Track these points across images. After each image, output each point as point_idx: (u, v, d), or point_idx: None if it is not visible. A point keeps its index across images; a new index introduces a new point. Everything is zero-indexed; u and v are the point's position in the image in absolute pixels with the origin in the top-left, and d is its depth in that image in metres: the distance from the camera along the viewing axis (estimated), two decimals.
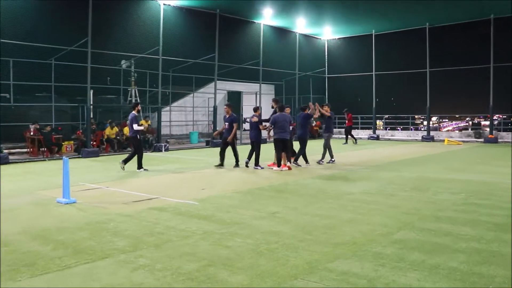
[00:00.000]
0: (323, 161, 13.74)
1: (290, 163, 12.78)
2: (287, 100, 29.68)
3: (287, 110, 12.82)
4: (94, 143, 18.18)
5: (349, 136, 24.26)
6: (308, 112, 13.31)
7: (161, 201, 7.91)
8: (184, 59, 22.97)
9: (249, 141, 13.06)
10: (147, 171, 12.01)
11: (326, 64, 32.22)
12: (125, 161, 12.06)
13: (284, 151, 12.48)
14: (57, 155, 16.22)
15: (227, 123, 12.61)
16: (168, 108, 24.80)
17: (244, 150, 15.45)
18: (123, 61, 22.32)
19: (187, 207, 7.37)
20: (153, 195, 8.44)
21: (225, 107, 12.78)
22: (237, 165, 12.74)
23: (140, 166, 12.12)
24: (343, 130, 29.76)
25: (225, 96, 28.67)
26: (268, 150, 15.39)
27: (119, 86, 21.98)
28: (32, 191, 8.88)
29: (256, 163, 12.65)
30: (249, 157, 13.07)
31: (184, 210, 7.09)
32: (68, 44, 17.69)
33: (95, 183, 9.98)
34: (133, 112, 12.38)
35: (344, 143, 23.33)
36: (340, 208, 7.26)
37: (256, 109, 13.44)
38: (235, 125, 12.38)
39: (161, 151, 19.07)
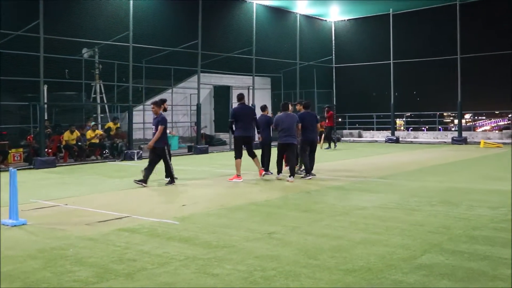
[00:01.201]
0: (303, 173, 13.10)
1: (299, 172, 13.09)
2: (287, 95, 29.80)
3: (266, 112, 13.38)
4: (50, 150, 18.16)
5: (324, 140, 24.02)
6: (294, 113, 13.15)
7: (133, 220, 7.89)
8: (160, 47, 23.04)
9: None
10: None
11: (333, 52, 32.42)
12: (171, 177, 12.00)
13: (287, 157, 12.73)
14: (2, 166, 16.16)
15: (154, 127, 12.00)
16: (141, 107, 24.81)
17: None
18: (84, 50, 22.35)
19: (165, 227, 7.35)
20: (123, 213, 8.42)
21: (152, 106, 12.01)
22: (172, 181, 11.92)
23: (171, 176, 12.07)
24: (351, 132, 30.02)
25: (211, 91, 28.79)
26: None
27: (80, 81, 22.00)
28: None
29: (266, 168, 13.14)
30: (266, 165, 13.26)
31: (161, 231, 7.08)
32: (15, 28, 17.58)
33: (50, 200, 9.94)
34: (161, 111, 11.94)
35: (327, 148, 23.25)
36: (351, 226, 7.27)
37: (264, 108, 13.69)
38: (160, 128, 11.66)
39: (133, 159, 19.05)
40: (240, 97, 12.81)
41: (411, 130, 31.98)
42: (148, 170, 11.68)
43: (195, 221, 7.78)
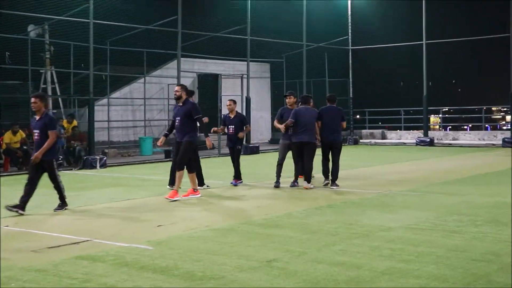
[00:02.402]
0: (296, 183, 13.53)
1: (308, 180, 13.22)
2: (291, 86, 29.85)
3: (309, 104, 13.40)
4: None
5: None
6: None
7: (94, 245, 7.85)
8: (129, 25, 23.04)
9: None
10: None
11: (350, 31, 32.48)
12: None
13: (301, 159, 13.15)
14: None
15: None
16: (105, 101, 24.82)
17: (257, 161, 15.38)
18: (31, 27, 22.28)
19: (136, 254, 7.32)
20: (82, 236, 8.38)
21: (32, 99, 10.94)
22: (62, 206, 10.95)
23: (202, 182, 13.23)
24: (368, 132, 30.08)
25: (194, 81, 28.78)
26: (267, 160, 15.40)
27: (26, 67, 21.91)
28: None
29: (308, 179, 13.13)
30: (299, 173, 13.45)
31: (130, 259, 7.04)
32: None
33: None
34: (191, 99, 12.63)
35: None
36: (373, 252, 7.26)
37: (306, 99, 13.54)
38: (50, 134, 10.67)
39: (94, 167, 19.02)
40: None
41: (450, 129, 32.07)
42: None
43: (173, 246, 7.75)
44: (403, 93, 31.96)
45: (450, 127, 32.60)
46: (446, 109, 32.67)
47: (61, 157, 19.31)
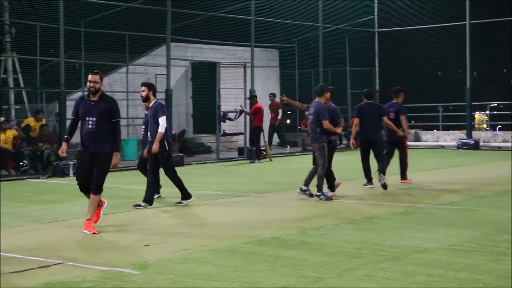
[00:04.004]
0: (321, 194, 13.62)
1: (382, 178, 14.65)
2: (304, 76, 29.81)
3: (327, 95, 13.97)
4: None
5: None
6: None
7: (68, 269, 7.87)
8: (108, 2, 23.07)
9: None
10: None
11: (376, 9, 32.41)
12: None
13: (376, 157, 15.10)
14: None
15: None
16: (79, 94, 24.79)
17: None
18: None
19: (118, 279, 7.35)
20: (53, 259, 8.40)
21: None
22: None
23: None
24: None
25: (187, 70, 28.82)
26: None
27: None
28: None
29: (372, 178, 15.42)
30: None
31: (112, 286, 7.07)
32: None
33: None
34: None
35: (253, 161, 23.33)
36: (405, 278, 7.26)
37: (370, 94, 15.79)
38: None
39: (67, 175, 19.03)
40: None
41: (499, 129, 31.95)
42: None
43: (164, 269, 7.77)
44: (441, 85, 31.86)
45: (499, 126, 32.45)
46: (494, 104, 32.55)
47: (25, 162, 19.36)
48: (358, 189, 15.23)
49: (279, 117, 26.54)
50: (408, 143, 30.51)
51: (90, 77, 10.64)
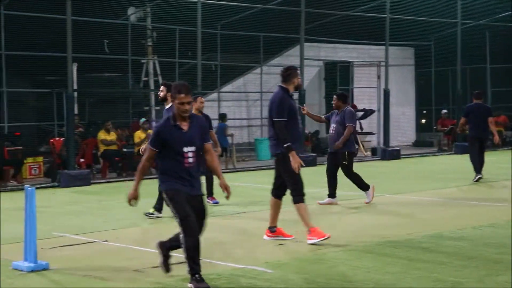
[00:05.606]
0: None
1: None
2: (441, 75, 29.13)
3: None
4: (82, 160, 18.56)
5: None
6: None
7: (205, 266, 7.95)
8: (244, 4, 23.22)
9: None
10: None
11: None
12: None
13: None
14: (14, 183, 16.83)
15: None
16: (215, 95, 25.17)
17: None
18: (131, 10, 22.86)
19: (252, 277, 7.42)
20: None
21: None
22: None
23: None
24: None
25: (320, 71, 28.77)
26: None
27: (126, 56, 22.53)
28: None
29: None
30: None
31: (245, 283, 7.12)
32: None
33: (84, 234, 10.31)
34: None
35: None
36: None
37: (479, 95, 16.88)
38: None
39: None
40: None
41: None
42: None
43: (297, 269, 7.83)
44: None
45: None
46: None
47: None
48: (498, 190, 15.01)
49: None
50: None
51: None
